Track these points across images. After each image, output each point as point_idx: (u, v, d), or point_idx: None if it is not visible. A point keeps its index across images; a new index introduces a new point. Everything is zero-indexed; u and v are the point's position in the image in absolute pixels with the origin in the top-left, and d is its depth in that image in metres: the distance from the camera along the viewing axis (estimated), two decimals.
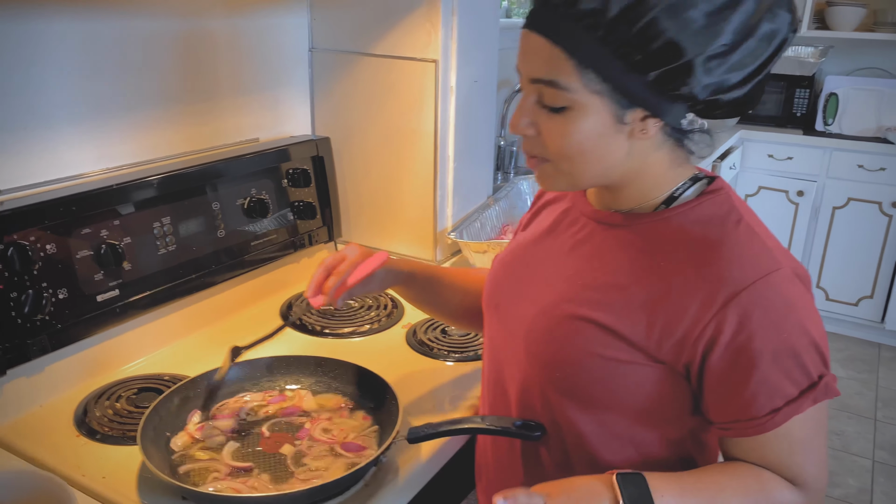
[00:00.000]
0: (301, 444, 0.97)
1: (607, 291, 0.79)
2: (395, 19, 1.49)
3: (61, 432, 1.02)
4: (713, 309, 0.72)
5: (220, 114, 1.44)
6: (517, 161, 2.48)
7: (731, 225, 0.77)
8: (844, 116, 3.37)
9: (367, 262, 0.96)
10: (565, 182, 0.79)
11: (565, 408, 0.83)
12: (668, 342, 0.75)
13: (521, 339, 0.86)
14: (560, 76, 0.70)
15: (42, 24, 1.10)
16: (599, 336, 0.78)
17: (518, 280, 0.91)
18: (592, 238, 0.85)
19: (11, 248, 0.99)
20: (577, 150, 0.75)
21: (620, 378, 0.78)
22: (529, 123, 0.76)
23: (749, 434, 0.75)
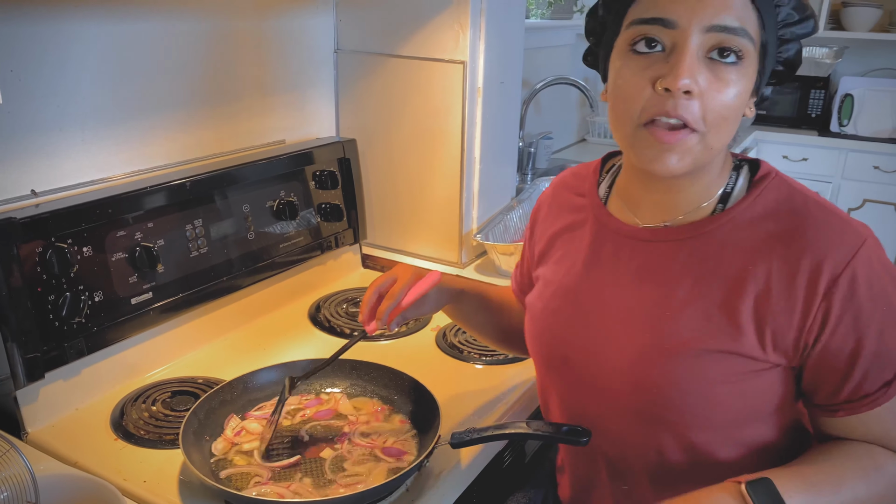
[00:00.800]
0: (341, 449, 0.96)
1: (708, 312, 0.76)
2: (423, 21, 1.48)
3: (99, 435, 1.02)
4: (818, 296, 0.72)
5: (246, 115, 1.44)
6: (535, 162, 2.47)
7: (801, 207, 0.75)
8: (860, 117, 3.36)
9: (421, 282, 0.92)
10: (697, 159, 0.73)
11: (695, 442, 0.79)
12: (782, 343, 0.74)
13: (621, 393, 0.81)
14: (748, 25, 0.69)
15: (75, 27, 1.09)
16: (717, 362, 0.75)
17: (581, 328, 0.85)
18: (655, 259, 0.80)
19: (50, 250, 0.99)
20: (733, 114, 0.71)
21: (745, 395, 0.76)
22: (695, 80, 0.68)
23: (862, 411, 0.74)
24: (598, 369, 0.83)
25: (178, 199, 1.18)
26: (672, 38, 0.69)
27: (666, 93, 0.69)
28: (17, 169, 1.06)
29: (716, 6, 0.68)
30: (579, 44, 3.00)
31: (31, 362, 0.98)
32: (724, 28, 0.68)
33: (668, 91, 0.69)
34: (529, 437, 0.87)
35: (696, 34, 0.68)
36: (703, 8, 0.68)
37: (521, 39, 1.64)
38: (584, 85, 2.35)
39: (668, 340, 0.77)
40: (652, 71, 0.70)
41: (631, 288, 0.81)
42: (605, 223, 0.85)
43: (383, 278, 0.93)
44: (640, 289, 0.80)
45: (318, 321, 1.39)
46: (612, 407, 0.83)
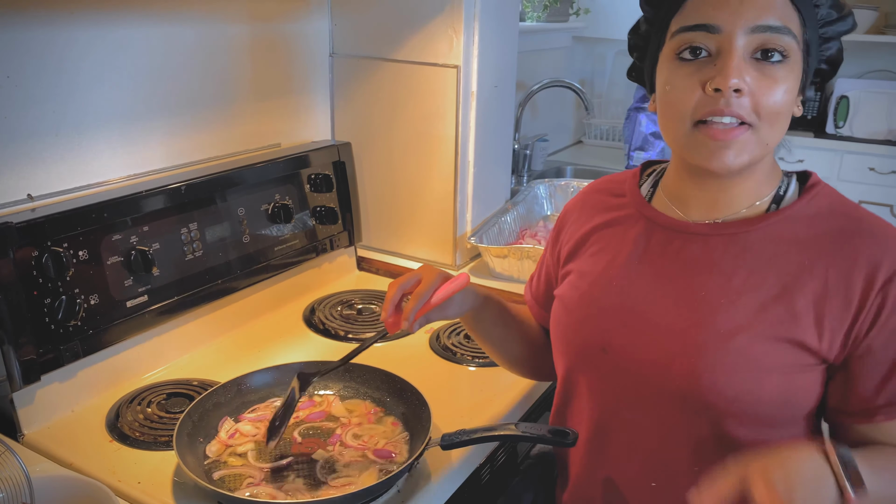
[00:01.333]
0: (333, 450, 0.98)
1: (763, 304, 0.76)
2: (417, 25, 1.49)
3: (94, 437, 1.03)
4: (874, 291, 0.74)
5: (241, 119, 1.45)
6: (531, 164, 2.48)
7: (854, 211, 0.79)
8: (855, 119, 3.37)
9: (451, 283, 0.90)
10: (753, 154, 0.75)
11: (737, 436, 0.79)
12: (837, 337, 0.75)
13: (667, 380, 0.80)
14: (791, 24, 0.72)
15: (70, 33, 1.11)
16: (771, 349, 0.75)
17: (628, 315, 0.84)
18: (708, 252, 0.81)
19: (46, 254, 1.00)
20: (785, 109, 0.74)
21: (795, 390, 0.77)
22: (744, 79, 0.72)
23: None
24: (642, 357, 0.82)
25: (173, 203, 1.19)
26: (717, 43, 0.73)
27: (716, 93, 0.72)
28: (13, 174, 1.07)
29: (757, 8, 0.71)
30: (575, 46, 3.02)
31: (28, 365, 0.99)
32: (767, 28, 0.71)
33: (719, 91, 0.72)
34: (517, 438, 0.88)
35: (741, 36, 0.71)
36: (746, 10, 0.71)
37: (515, 44, 1.65)
38: (579, 87, 2.37)
39: (723, 326, 0.77)
40: (701, 74, 0.73)
41: (682, 279, 0.82)
42: (653, 218, 0.87)
43: (406, 277, 0.91)
44: (693, 279, 0.81)
45: (313, 324, 1.40)
46: (653, 396, 0.82)
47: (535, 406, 1.22)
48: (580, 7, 2.69)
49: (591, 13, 2.77)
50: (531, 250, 1.51)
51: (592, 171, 2.61)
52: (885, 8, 3.39)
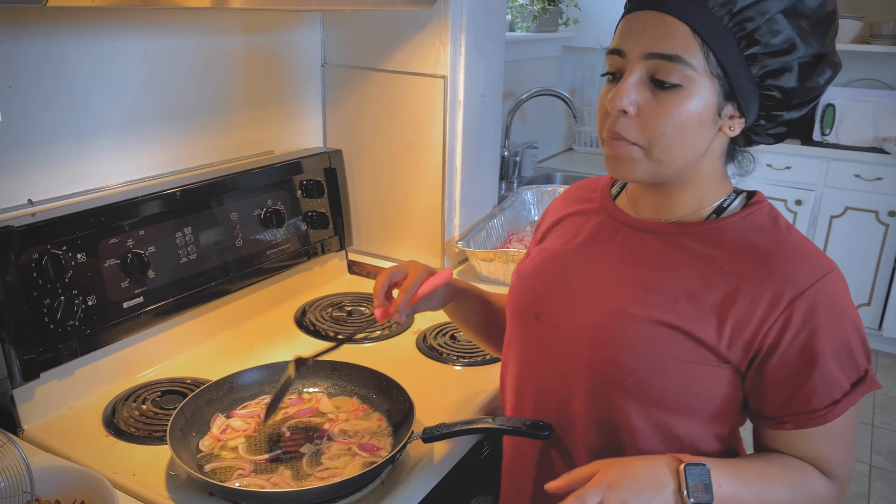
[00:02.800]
0: (320, 444, 1.02)
1: (677, 296, 0.82)
2: (406, 36, 1.54)
3: (91, 432, 1.07)
4: (780, 307, 0.78)
5: (236, 127, 1.50)
6: (520, 171, 2.53)
7: (784, 230, 0.83)
8: (842, 127, 3.43)
9: (435, 278, 1.00)
10: (648, 170, 0.81)
11: (630, 412, 0.84)
12: (737, 342, 0.80)
13: (580, 348, 0.87)
14: (684, 52, 0.75)
15: (70, 44, 1.15)
16: (673, 339, 0.81)
17: (562, 289, 0.91)
18: (644, 246, 0.88)
19: (46, 257, 1.04)
20: (678, 133, 0.77)
21: (692, 380, 0.81)
22: (632, 101, 0.77)
23: (809, 426, 0.80)
24: (565, 328, 0.89)
25: (168, 208, 1.24)
26: (622, 66, 0.80)
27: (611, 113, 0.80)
28: (14, 179, 1.11)
29: (654, 36, 0.76)
30: (565, 55, 3.07)
31: (28, 363, 1.04)
32: (660, 55, 0.76)
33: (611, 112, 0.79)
34: (494, 431, 0.93)
35: (638, 61, 0.77)
36: (644, 38, 0.77)
37: (502, 54, 1.70)
38: (567, 96, 2.42)
39: (637, 311, 0.83)
40: (608, 95, 0.81)
41: (616, 265, 0.89)
42: (610, 212, 0.94)
43: (394, 269, 1.01)
44: (624, 267, 0.88)
45: (304, 325, 1.45)
46: (568, 365, 0.88)
47: None
48: (569, 17, 2.75)
49: (580, 23, 2.82)
50: (516, 254, 1.55)
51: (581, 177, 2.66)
52: (870, 18, 3.45)
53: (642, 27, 0.77)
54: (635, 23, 0.78)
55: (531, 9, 2.55)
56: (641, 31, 0.77)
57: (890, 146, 3.26)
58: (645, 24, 0.77)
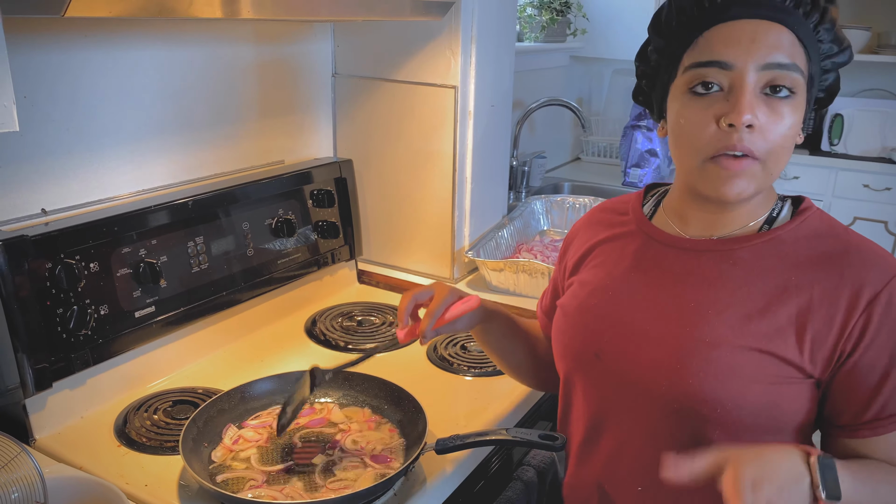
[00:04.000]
0: (332, 455, 1.02)
1: (750, 317, 0.80)
2: (416, 47, 1.55)
3: (103, 442, 1.07)
4: (858, 310, 0.77)
5: (247, 137, 1.50)
6: (529, 181, 2.53)
7: (844, 232, 0.82)
8: (850, 137, 3.42)
9: (462, 304, 0.96)
10: (759, 185, 0.79)
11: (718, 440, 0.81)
12: (819, 353, 0.78)
13: (657, 382, 0.83)
14: (798, 60, 0.76)
15: (85, 55, 1.16)
16: (755, 361, 0.79)
17: (620, 323, 0.88)
18: (700, 266, 0.85)
19: (59, 267, 1.05)
20: (790, 141, 0.78)
21: (779, 400, 0.79)
22: (757, 114, 0.75)
23: (889, 430, 0.78)
24: (632, 363, 0.86)
25: (180, 218, 1.24)
26: (729, 79, 0.76)
27: (730, 128, 0.76)
28: (28, 190, 1.12)
29: (768, 46, 0.75)
30: (572, 65, 3.08)
31: (40, 372, 1.04)
32: (777, 65, 0.75)
33: (733, 126, 0.75)
34: (508, 443, 0.92)
35: (752, 73, 0.75)
36: (757, 49, 0.75)
37: (512, 64, 1.70)
38: (576, 106, 2.42)
39: (709, 335, 0.81)
40: (714, 109, 0.77)
41: (673, 290, 0.86)
42: (651, 234, 0.91)
43: (420, 290, 0.98)
44: (683, 291, 0.85)
45: (314, 335, 1.44)
46: (641, 401, 0.85)
47: (528, 414, 1.26)
48: (577, 28, 2.75)
49: (588, 34, 2.82)
50: (526, 264, 1.55)
51: (590, 187, 2.66)
52: (878, 28, 3.45)
53: (751, 37, 0.75)
54: (740, 33, 0.76)
55: (540, 19, 2.56)
56: (752, 42, 0.75)
57: None
58: (754, 33, 0.75)
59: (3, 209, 1.09)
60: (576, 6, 2.70)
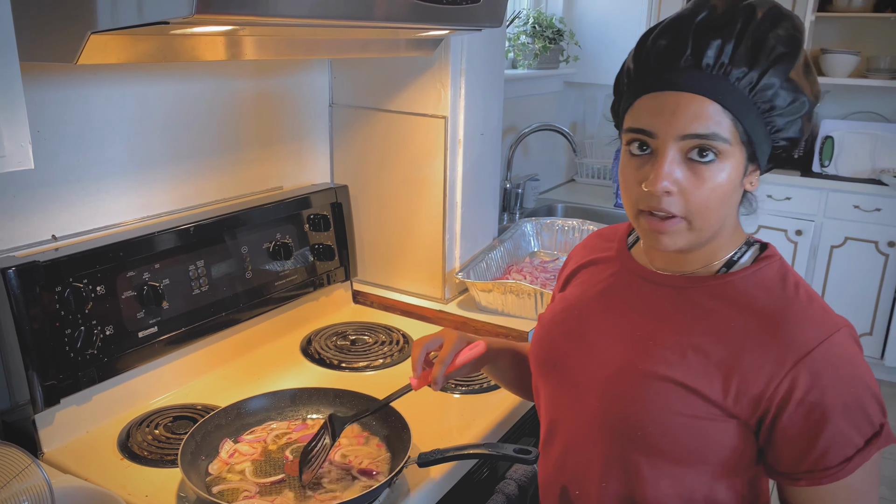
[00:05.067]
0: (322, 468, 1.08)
1: (684, 351, 0.84)
2: (409, 79, 1.63)
3: (107, 455, 1.13)
4: (786, 368, 0.79)
5: (247, 164, 1.58)
6: (522, 203, 2.61)
7: (791, 289, 0.85)
8: (840, 158, 3.49)
9: (469, 350, 1.05)
10: (689, 240, 0.83)
11: (639, 464, 0.87)
12: (743, 399, 0.81)
13: (593, 399, 0.89)
14: (718, 128, 0.77)
15: (95, 90, 1.24)
16: (681, 395, 0.83)
17: (578, 340, 0.94)
18: (656, 299, 0.90)
19: (68, 290, 1.12)
20: (718, 202, 0.80)
21: (700, 435, 0.83)
22: (673, 182, 0.79)
23: (823, 483, 0.80)
24: (578, 378, 0.92)
25: (182, 242, 1.31)
26: (655, 145, 0.81)
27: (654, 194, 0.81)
28: (40, 217, 1.19)
29: (687, 119, 0.78)
30: (565, 91, 3.16)
31: (49, 389, 1.11)
32: (696, 136, 0.78)
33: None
34: (485, 456, 0.98)
35: (673, 143, 0.79)
36: (677, 120, 0.78)
37: (500, 94, 1.78)
38: (567, 132, 2.50)
39: (643, 364, 0.86)
40: (641, 173, 0.82)
41: (629, 317, 0.91)
42: (625, 262, 0.97)
43: (429, 339, 1.06)
44: (637, 320, 0.90)
45: (309, 353, 1.51)
46: (583, 415, 0.91)
47: (512, 430, 1.32)
48: (570, 55, 2.84)
49: (581, 60, 2.91)
50: (514, 285, 1.62)
51: (583, 208, 2.73)
52: (867, 52, 3.54)
53: (672, 110, 0.78)
54: (663, 105, 0.79)
55: (533, 47, 2.64)
56: (672, 114, 0.78)
57: (888, 178, 3.31)
58: (675, 105, 0.78)
59: (17, 236, 1.16)
60: (568, 34, 2.79)
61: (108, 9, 0.84)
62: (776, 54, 0.77)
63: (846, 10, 3.46)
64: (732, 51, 0.77)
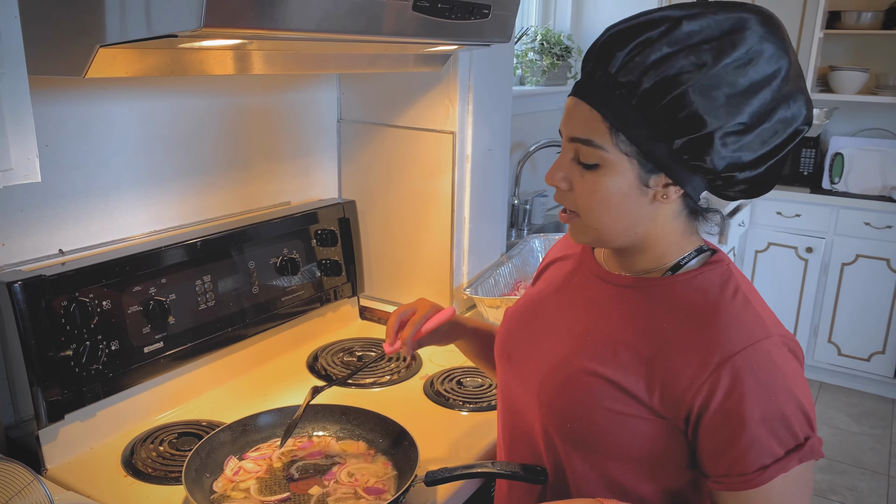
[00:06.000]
0: (328, 487, 1.06)
1: (615, 347, 0.86)
2: (417, 95, 1.63)
3: (111, 472, 1.12)
4: (707, 370, 0.79)
5: (255, 180, 1.58)
6: (531, 219, 2.59)
7: (729, 294, 0.85)
8: (850, 175, 3.47)
9: (439, 315, 1.09)
10: (592, 236, 0.88)
11: (572, 455, 0.90)
12: (667, 399, 0.83)
13: (534, 390, 0.93)
14: (595, 136, 0.81)
15: (104, 106, 1.24)
16: (607, 390, 0.85)
17: (530, 333, 0.98)
18: (601, 297, 0.92)
19: (74, 304, 1.11)
20: (604, 206, 0.84)
21: (626, 430, 0.84)
22: (563, 178, 0.85)
23: (738, 489, 0.80)
24: (525, 367, 0.96)
25: (189, 257, 1.31)
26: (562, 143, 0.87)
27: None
28: (47, 231, 1.19)
29: (573, 122, 0.84)
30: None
31: (53, 405, 1.10)
32: (576, 139, 0.83)
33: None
34: (494, 475, 0.96)
35: (567, 143, 0.85)
36: (568, 123, 0.85)
37: (509, 110, 1.78)
38: None
39: (577, 358, 0.89)
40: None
41: (577, 314, 0.95)
42: (584, 261, 0.99)
43: (404, 308, 1.10)
44: (582, 316, 0.93)
45: (315, 369, 1.50)
46: (529, 406, 0.95)
47: None
48: (577, 71, 2.84)
49: None
50: None
51: None
52: (875, 70, 3.53)
53: (568, 113, 0.84)
54: (568, 108, 0.85)
55: (541, 64, 2.65)
56: (567, 118, 0.85)
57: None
58: (570, 110, 0.84)
59: (24, 250, 1.16)
60: (576, 51, 2.79)
61: (117, 22, 0.84)
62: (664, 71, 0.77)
63: (855, 27, 3.46)
64: (622, 63, 0.79)
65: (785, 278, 3.57)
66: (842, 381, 3.60)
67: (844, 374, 3.55)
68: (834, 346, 3.54)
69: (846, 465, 2.96)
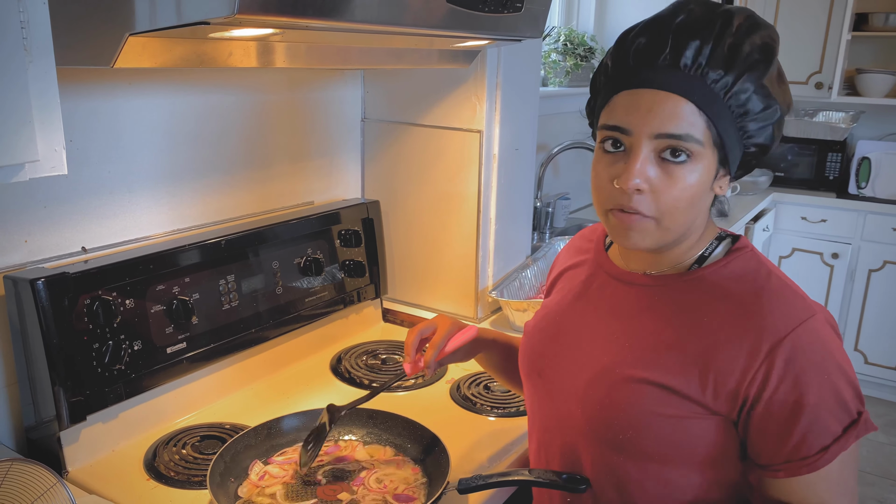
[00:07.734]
0: (356, 493, 1.03)
1: (658, 351, 0.84)
2: (443, 93, 1.60)
3: (133, 475, 1.09)
4: (759, 357, 0.78)
5: (278, 179, 1.55)
6: (553, 222, 2.56)
7: (763, 278, 0.84)
8: (877, 180, 3.40)
9: (461, 335, 1.06)
10: (657, 239, 0.83)
11: (627, 467, 0.86)
12: (721, 393, 0.80)
13: (574, 405, 0.89)
14: (692, 129, 0.78)
15: (128, 102, 1.22)
16: (657, 395, 0.82)
17: (559, 346, 0.95)
18: (628, 299, 0.90)
19: (97, 303, 1.09)
20: (688, 201, 0.80)
21: (682, 433, 0.82)
22: (646, 180, 0.79)
23: (801, 473, 0.78)
24: (561, 384, 0.92)
25: (212, 257, 1.28)
26: (629, 142, 0.80)
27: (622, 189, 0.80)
28: (70, 228, 1.17)
29: (662, 117, 0.77)
30: None
31: (75, 405, 1.07)
32: (669, 135, 0.78)
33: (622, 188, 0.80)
34: (531, 483, 0.92)
35: (647, 141, 0.79)
36: (652, 119, 0.78)
37: (536, 110, 1.74)
38: None
39: (620, 367, 0.86)
40: (614, 169, 0.82)
41: (605, 320, 0.91)
42: (601, 264, 0.96)
43: (424, 325, 1.07)
44: (612, 322, 0.90)
45: (339, 372, 1.46)
46: (569, 422, 0.91)
47: None
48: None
49: None
50: None
51: None
52: None
53: (648, 107, 0.78)
54: (639, 102, 0.79)
55: (564, 65, 2.61)
56: (648, 112, 0.78)
57: None
58: (651, 103, 0.78)
59: (47, 247, 1.14)
60: (599, 52, 2.75)
61: (147, 9, 0.81)
62: (751, 60, 0.78)
63: (882, 29, 3.39)
64: (710, 53, 0.77)
65: (810, 285, 3.50)
66: (869, 390, 3.52)
67: (872, 383, 3.47)
68: (861, 355, 3.46)
69: (875, 476, 2.89)
